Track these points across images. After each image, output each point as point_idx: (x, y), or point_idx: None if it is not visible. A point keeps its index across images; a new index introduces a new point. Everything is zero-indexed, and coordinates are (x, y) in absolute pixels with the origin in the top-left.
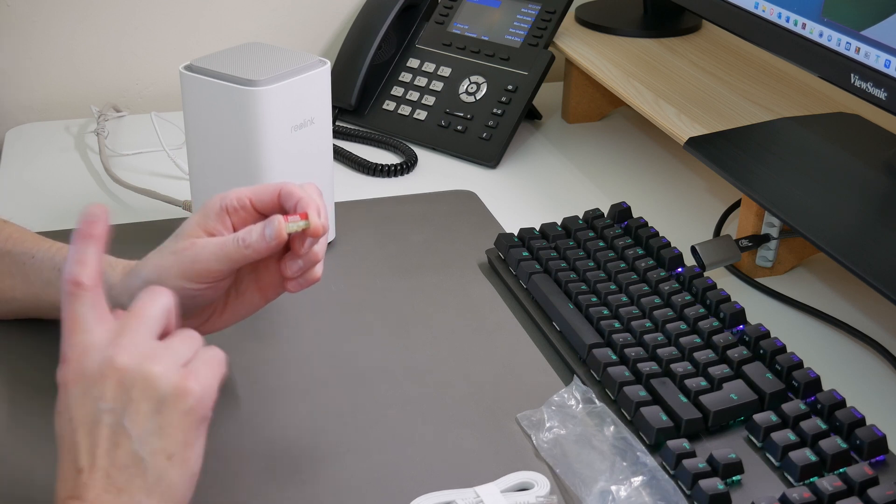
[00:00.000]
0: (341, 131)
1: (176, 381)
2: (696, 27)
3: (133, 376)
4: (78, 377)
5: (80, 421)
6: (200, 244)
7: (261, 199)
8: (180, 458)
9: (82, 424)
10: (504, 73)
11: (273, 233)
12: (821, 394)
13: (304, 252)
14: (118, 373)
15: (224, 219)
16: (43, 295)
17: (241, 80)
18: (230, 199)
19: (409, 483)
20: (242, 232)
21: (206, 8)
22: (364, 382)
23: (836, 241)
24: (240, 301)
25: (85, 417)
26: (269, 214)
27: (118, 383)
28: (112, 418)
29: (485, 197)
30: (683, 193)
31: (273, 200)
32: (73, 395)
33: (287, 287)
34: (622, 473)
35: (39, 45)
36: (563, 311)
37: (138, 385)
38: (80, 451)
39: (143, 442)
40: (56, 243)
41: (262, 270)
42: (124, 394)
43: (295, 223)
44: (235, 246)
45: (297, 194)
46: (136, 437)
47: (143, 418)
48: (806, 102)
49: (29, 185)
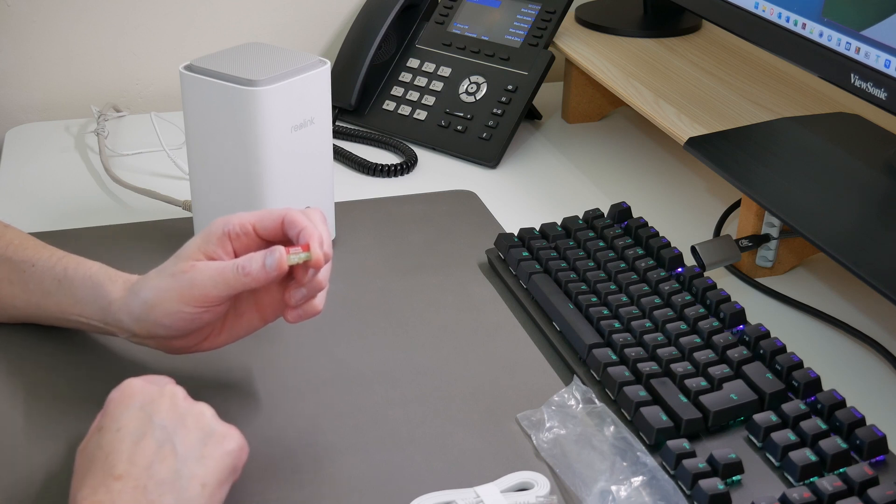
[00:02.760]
0: (341, 131)
1: (223, 425)
2: (696, 27)
3: (189, 406)
4: (138, 392)
5: (129, 430)
6: (199, 268)
7: (264, 226)
8: (210, 491)
9: (130, 434)
10: (504, 73)
11: (274, 264)
12: (821, 394)
13: (306, 281)
14: (176, 399)
15: (225, 244)
16: (42, 304)
17: (241, 80)
18: (233, 225)
19: (409, 483)
20: (243, 259)
21: (206, 8)
22: (364, 382)
23: (836, 241)
24: (238, 322)
25: (135, 429)
26: (272, 240)
27: (174, 406)
28: (163, 434)
29: (485, 197)
30: (683, 193)
31: (276, 227)
32: (129, 407)
33: (286, 316)
34: (622, 473)
35: (39, 45)
36: (563, 311)
37: (192, 415)
38: (119, 458)
39: (186, 464)
40: (57, 251)
41: (262, 292)
42: (178, 418)
43: (297, 255)
44: (234, 273)
45: (301, 224)
46: (182, 456)
47: (191, 442)
48: (806, 102)
49: (29, 185)
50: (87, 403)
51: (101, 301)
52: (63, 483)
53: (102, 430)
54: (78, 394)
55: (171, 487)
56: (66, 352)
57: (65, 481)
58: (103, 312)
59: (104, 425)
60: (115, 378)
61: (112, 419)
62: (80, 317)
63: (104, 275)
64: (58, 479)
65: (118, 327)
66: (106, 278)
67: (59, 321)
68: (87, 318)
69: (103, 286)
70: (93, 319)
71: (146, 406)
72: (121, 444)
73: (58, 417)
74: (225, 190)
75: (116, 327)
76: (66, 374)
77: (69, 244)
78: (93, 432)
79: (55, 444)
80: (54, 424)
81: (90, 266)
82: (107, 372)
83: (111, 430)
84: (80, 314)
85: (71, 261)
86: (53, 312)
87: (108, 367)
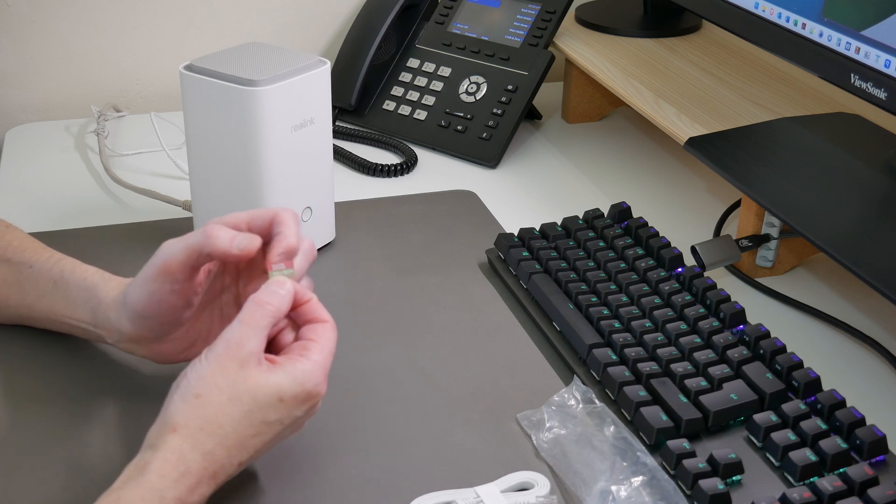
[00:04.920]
0: (341, 131)
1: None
2: (696, 27)
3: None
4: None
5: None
6: (168, 241)
7: (256, 224)
8: (245, 460)
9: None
10: (504, 73)
11: (244, 244)
12: (821, 394)
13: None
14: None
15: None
16: (34, 306)
17: (241, 80)
18: (226, 221)
19: (409, 483)
20: (209, 224)
21: (206, 8)
22: (364, 382)
23: (836, 241)
24: (225, 325)
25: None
26: (263, 237)
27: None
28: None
29: (485, 197)
30: (683, 193)
31: (267, 224)
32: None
33: None
34: (622, 473)
35: (39, 45)
36: (563, 311)
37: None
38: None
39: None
40: (56, 254)
41: (248, 295)
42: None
43: (280, 270)
44: (197, 237)
45: (282, 227)
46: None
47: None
48: (806, 102)
49: (29, 185)
50: (72, 406)
51: (92, 301)
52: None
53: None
54: (63, 397)
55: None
56: (53, 355)
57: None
58: (93, 313)
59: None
60: (101, 384)
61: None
62: (70, 319)
63: (99, 277)
64: (44, 479)
65: (106, 328)
66: (100, 280)
67: (50, 323)
68: (77, 320)
69: (97, 287)
70: (82, 322)
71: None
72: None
73: (40, 422)
74: (225, 190)
75: (104, 328)
76: (50, 376)
77: (69, 244)
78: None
79: (41, 449)
80: (38, 428)
81: (86, 270)
82: (92, 377)
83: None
84: (71, 316)
85: (68, 263)
86: (44, 314)
87: (95, 373)
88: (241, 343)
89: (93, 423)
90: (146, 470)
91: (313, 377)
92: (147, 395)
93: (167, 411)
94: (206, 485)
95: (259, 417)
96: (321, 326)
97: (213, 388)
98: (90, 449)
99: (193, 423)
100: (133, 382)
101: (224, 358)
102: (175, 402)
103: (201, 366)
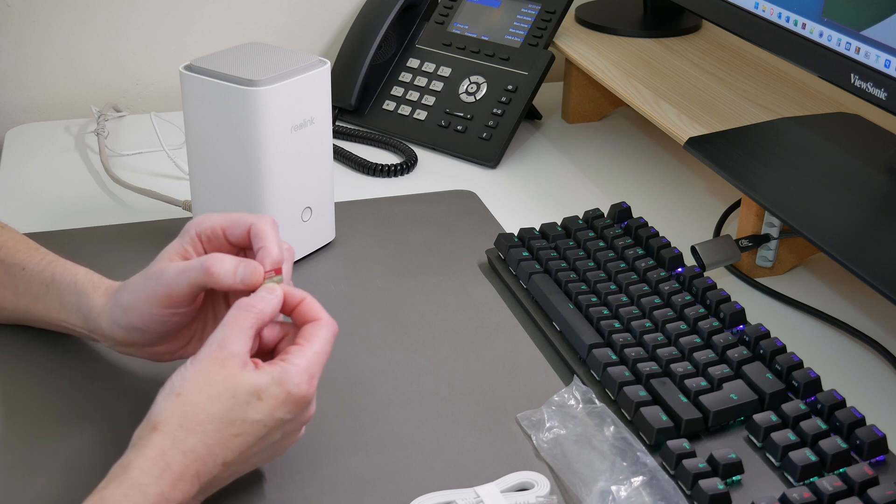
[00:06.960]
0: (341, 131)
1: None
2: (696, 27)
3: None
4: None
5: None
6: (166, 267)
7: (233, 233)
8: (234, 471)
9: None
10: (504, 73)
11: (248, 276)
12: (821, 394)
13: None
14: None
15: (196, 244)
16: (31, 308)
17: (240, 80)
18: (203, 227)
19: (409, 483)
20: (208, 258)
21: (206, 8)
22: (364, 382)
23: (836, 241)
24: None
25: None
26: (240, 246)
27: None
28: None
29: (485, 197)
30: (683, 193)
31: (244, 234)
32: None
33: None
34: (622, 473)
35: (39, 45)
36: (563, 311)
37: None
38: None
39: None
40: (48, 255)
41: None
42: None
43: (270, 279)
44: (197, 272)
45: (262, 241)
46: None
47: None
48: (806, 102)
49: (29, 185)
50: (70, 406)
51: (83, 308)
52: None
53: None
54: (61, 397)
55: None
56: (51, 354)
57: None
58: (85, 319)
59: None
60: (99, 383)
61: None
62: (65, 322)
63: (88, 281)
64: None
65: (99, 334)
66: (90, 285)
67: (48, 325)
68: (72, 324)
69: (87, 293)
70: (77, 326)
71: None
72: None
73: (39, 421)
74: (225, 190)
75: (98, 335)
76: (49, 376)
77: (69, 244)
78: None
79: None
80: (36, 427)
81: (76, 272)
82: (90, 377)
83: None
84: (66, 320)
85: (59, 265)
86: (42, 317)
87: (93, 373)
88: (223, 344)
89: (91, 422)
90: (129, 468)
91: (292, 378)
92: (145, 394)
93: (150, 411)
94: (188, 482)
95: (239, 415)
96: (315, 326)
97: (193, 387)
98: (88, 448)
99: (173, 421)
100: (132, 382)
101: (206, 359)
102: (158, 402)
103: (185, 368)
